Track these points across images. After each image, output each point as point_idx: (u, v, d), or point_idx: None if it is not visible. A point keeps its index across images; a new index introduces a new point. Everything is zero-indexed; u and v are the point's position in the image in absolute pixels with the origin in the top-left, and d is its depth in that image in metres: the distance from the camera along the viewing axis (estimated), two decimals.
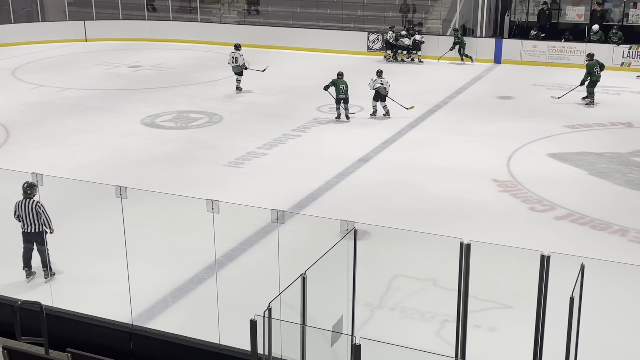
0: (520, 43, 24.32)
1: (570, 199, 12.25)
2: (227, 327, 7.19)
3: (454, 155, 14.60)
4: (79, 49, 27.06)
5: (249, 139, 15.60)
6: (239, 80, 20.21)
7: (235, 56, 19.92)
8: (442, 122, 17.10)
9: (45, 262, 9.22)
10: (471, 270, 6.11)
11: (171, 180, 13.14)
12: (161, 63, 24.50)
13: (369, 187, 12.85)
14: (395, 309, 8.85)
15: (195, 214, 7.31)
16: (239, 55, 19.92)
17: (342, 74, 17.24)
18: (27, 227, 9.07)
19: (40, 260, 9.24)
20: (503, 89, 20.53)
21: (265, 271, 9.01)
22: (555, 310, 5.89)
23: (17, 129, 16.42)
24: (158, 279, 9.41)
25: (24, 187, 9.06)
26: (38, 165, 13.06)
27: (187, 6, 30.74)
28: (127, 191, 7.21)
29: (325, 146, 15.26)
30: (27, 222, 9.05)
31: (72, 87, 20.71)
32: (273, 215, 6.78)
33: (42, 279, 9.22)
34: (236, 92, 20.11)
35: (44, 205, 8.95)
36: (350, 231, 6.36)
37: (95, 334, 7.57)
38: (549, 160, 14.31)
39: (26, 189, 9.04)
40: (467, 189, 12.72)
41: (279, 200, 11.76)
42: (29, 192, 9.04)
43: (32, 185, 9.00)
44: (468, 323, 6.37)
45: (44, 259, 9.22)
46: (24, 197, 9.06)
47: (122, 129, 16.55)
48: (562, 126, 16.67)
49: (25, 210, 9.01)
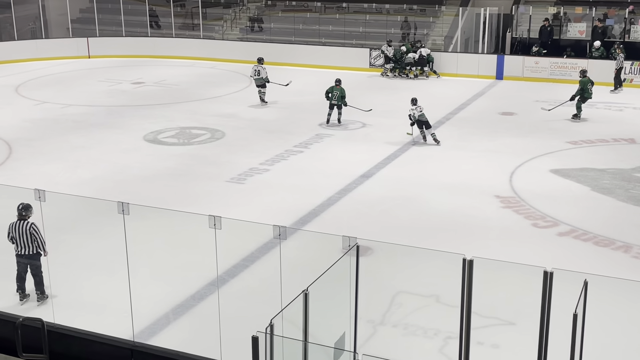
0: (522, 59, 24.38)
1: (573, 215, 12.23)
2: (229, 344, 7.16)
3: (457, 171, 14.60)
4: (82, 66, 27.18)
5: (252, 155, 15.62)
6: (264, 93, 20.62)
7: (258, 69, 20.33)
8: (445, 138, 17.09)
9: (39, 285, 9.06)
10: (474, 287, 6.09)
11: (173, 196, 13.14)
12: (164, 79, 24.59)
13: (372, 203, 12.84)
14: (398, 326, 8.81)
15: (197, 230, 7.31)
16: (262, 68, 20.35)
17: (339, 81, 18.19)
18: (21, 249, 8.91)
19: (34, 282, 9.09)
20: (505, 105, 20.55)
21: (267, 287, 8.99)
22: (559, 326, 5.86)
23: (20, 146, 16.46)
24: (160, 295, 9.38)
25: (18, 208, 8.91)
26: (41, 181, 13.07)
27: (189, 23, 30.91)
28: (129, 207, 7.21)
29: (328, 162, 15.27)
30: (21, 244, 8.88)
31: (75, 103, 20.78)
32: (275, 232, 6.77)
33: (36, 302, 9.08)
34: (261, 104, 20.52)
35: (46, 222, 8.91)
36: (352, 247, 6.35)
37: (96, 350, 7.53)
38: (552, 176, 14.30)
39: (21, 211, 8.89)
40: (469, 205, 12.70)
41: (281, 216, 11.74)
42: (23, 214, 8.88)
43: (27, 206, 8.88)
44: (471, 340, 6.34)
45: (38, 281, 9.05)
46: (18, 218, 8.90)
47: (125, 145, 16.58)
48: (564, 142, 16.67)
49: (19, 232, 8.85)
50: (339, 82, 18.18)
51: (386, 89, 22.09)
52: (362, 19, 28.30)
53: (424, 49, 24.63)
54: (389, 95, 21.76)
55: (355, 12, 28.79)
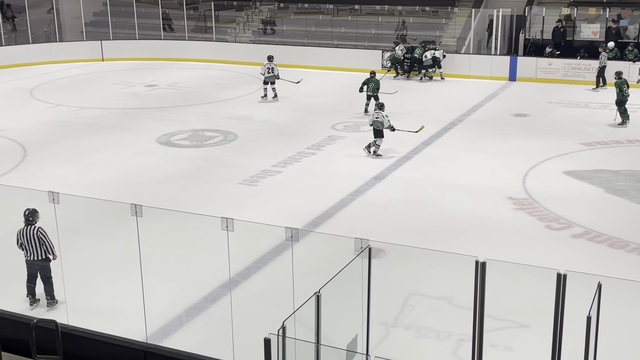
0: (535, 60, 24.28)
1: (587, 217, 12.15)
2: (242, 346, 7.17)
3: (470, 173, 14.55)
4: (95, 69, 27.34)
5: (264, 157, 15.64)
6: (274, 89, 21.18)
7: (272, 67, 20.99)
8: (457, 140, 17.06)
9: (49, 290, 9.08)
10: (487, 289, 6.06)
11: (186, 198, 13.18)
12: (177, 82, 24.68)
13: (384, 205, 12.82)
14: (410, 328, 8.79)
15: (210, 232, 7.32)
16: (274, 65, 21.05)
17: (374, 73, 19.35)
18: (30, 255, 8.91)
19: (43, 288, 9.11)
20: (518, 107, 20.47)
21: (280, 289, 8.98)
22: (572, 329, 5.82)
23: (34, 148, 16.57)
24: (172, 297, 9.41)
25: (25, 214, 8.91)
26: (54, 183, 13.14)
27: (202, 26, 31.01)
28: (142, 209, 7.24)
29: (340, 164, 15.26)
30: (30, 250, 8.89)
31: (88, 106, 20.90)
32: (287, 234, 6.77)
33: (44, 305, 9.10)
34: (274, 99, 21.19)
35: (60, 224, 8.94)
36: (364, 249, 6.34)
37: (110, 352, 7.57)
38: (565, 178, 14.23)
39: (28, 216, 8.89)
40: (482, 206, 12.66)
41: (293, 218, 11.75)
42: (30, 219, 8.89)
43: (34, 211, 8.89)
44: (484, 342, 6.31)
45: (48, 286, 9.07)
46: (25, 224, 8.90)
47: (138, 147, 16.65)
48: (578, 144, 16.58)
49: (27, 237, 8.86)
50: (373, 74, 19.32)
51: (399, 90, 22.06)
52: (375, 20, 28.28)
53: (437, 51, 24.58)
54: (402, 96, 21.72)
55: (367, 14, 28.77)
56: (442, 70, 24.51)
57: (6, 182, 13.73)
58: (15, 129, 18.16)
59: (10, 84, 24.35)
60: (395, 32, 27.64)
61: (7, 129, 18.20)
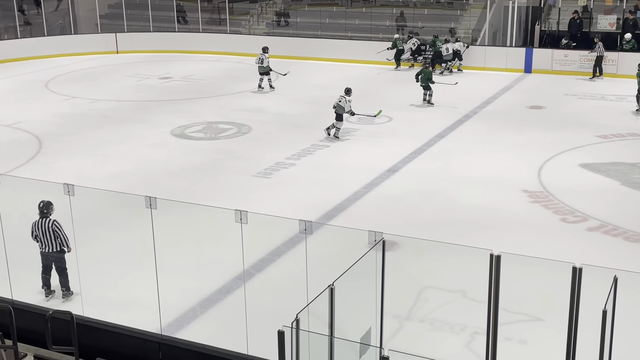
0: (551, 52, 24.10)
1: (603, 210, 12.07)
2: (256, 338, 7.18)
3: (484, 165, 14.48)
4: (110, 61, 27.43)
5: (278, 150, 15.65)
6: (270, 79, 21.51)
7: (262, 58, 21.33)
8: (472, 132, 16.98)
9: (64, 281, 9.15)
10: (502, 282, 6.04)
11: (200, 190, 13.21)
12: (191, 74, 24.72)
13: (398, 198, 12.79)
14: (424, 321, 8.77)
15: (224, 224, 7.33)
16: (265, 57, 21.34)
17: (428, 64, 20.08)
18: (45, 247, 8.97)
19: (58, 279, 9.19)
20: (534, 99, 20.34)
21: (293, 282, 9.00)
22: (588, 323, 5.79)
23: (50, 140, 16.66)
24: (187, 289, 9.44)
25: (39, 206, 8.96)
26: (70, 176, 13.21)
27: (216, 18, 31.02)
28: (156, 201, 7.26)
29: (354, 156, 15.24)
30: (45, 242, 8.95)
31: (103, 98, 20.98)
32: (301, 226, 6.77)
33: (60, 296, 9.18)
34: (271, 90, 21.48)
35: (75, 216, 8.99)
36: (378, 242, 6.33)
37: (124, 343, 7.62)
38: (581, 170, 14.13)
39: (42, 208, 8.94)
40: (497, 199, 12.60)
41: (307, 210, 11.75)
42: (45, 212, 8.94)
43: (48, 204, 8.94)
44: (498, 335, 6.29)
45: (63, 278, 9.14)
46: (40, 216, 8.95)
47: (152, 139, 16.70)
48: (594, 136, 16.45)
49: (42, 229, 8.92)
50: (427, 65, 20.07)
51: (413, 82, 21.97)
52: (389, 12, 28.15)
53: (458, 43, 24.39)
54: (416, 89, 21.66)
55: (382, 5, 28.66)
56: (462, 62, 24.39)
57: (22, 174, 13.83)
58: (31, 122, 18.27)
59: (25, 76, 24.49)
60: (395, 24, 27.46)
61: (23, 121, 18.32)
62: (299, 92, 21.32)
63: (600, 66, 22.57)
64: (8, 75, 24.52)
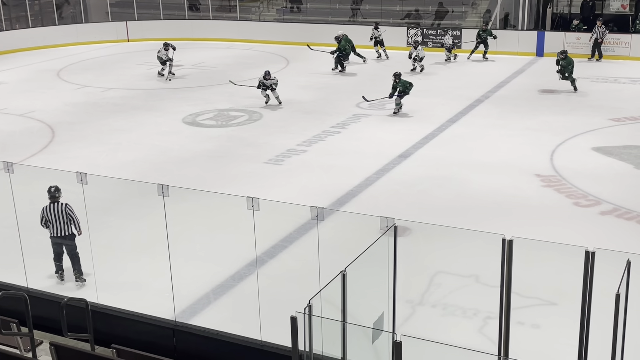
0: (563, 35, 23.89)
1: (615, 193, 12.01)
2: (268, 324, 7.22)
3: (496, 150, 14.43)
4: (121, 50, 27.46)
5: (289, 136, 15.65)
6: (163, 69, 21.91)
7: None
8: (484, 117, 16.90)
9: (76, 265, 9.22)
10: (514, 267, 6.03)
11: (212, 178, 13.25)
12: (202, 62, 24.72)
13: (410, 183, 12.78)
14: (437, 306, 8.79)
15: (236, 211, 7.36)
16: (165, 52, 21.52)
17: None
18: (57, 231, 9.02)
19: (71, 263, 9.26)
20: (545, 83, 20.19)
21: (306, 268, 9.02)
22: (601, 307, 5.78)
23: (62, 129, 16.74)
24: (200, 275, 9.50)
25: (51, 191, 9.02)
26: (82, 164, 13.28)
27: (226, 5, 30.95)
28: (169, 189, 7.29)
29: (365, 142, 15.21)
30: (56, 226, 9.00)
31: (115, 87, 21.03)
32: (313, 212, 6.78)
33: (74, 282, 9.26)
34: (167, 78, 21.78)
35: (88, 204, 9.02)
36: (390, 228, 6.33)
37: (139, 330, 7.68)
38: (594, 154, 14.05)
39: (54, 193, 9.01)
40: (509, 184, 12.56)
41: (318, 197, 11.77)
42: (57, 195, 9.02)
43: (58, 188, 9.04)
44: (511, 320, 6.29)
45: (76, 262, 9.21)
46: (51, 201, 9.01)
47: (164, 127, 16.74)
48: (606, 119, 16.34)
49: (55, 214, 8.97)
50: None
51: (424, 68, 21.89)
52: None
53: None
54: (427, 73, 21.57)
55: None
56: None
57: (35, 162, 13.92)
58: (43, 111, 18.35)
59: (37, 65, 24.57)
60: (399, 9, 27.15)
61: (36, 110, 18.40)
62: (309, 79, 21.27)
63: (599, 49, 22.37)
64: (20, 65, 24.62)
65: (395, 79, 17.34)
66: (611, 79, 20.44)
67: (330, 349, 5.64)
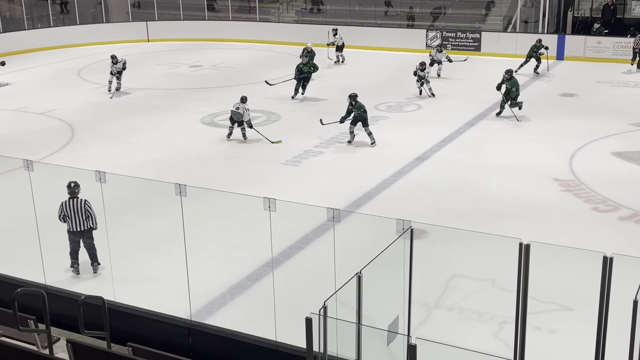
0: (584, 39, 23.72)
1: (635, 198, 11.89)
2: (284, 325, 7.23)
3: (514, 154, 14.35)
4: (141, 50, 27.63)
5: (306, 138, 15.66)
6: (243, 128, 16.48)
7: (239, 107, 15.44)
8: (502, 120, 16.81)
9: (93, 257, 9.48)
10: (531, 271, 5.99)
11: (229, 178, 13.29)
12: (221, 62, 24.81)
13: (427, 186, 12.74)
14: (452, 310, 8.75)
15: (253, 212, 7.38)
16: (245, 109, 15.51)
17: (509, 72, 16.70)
18: (75, 225, 9.24)
19: (89, 256, 9.49)
20: (566, 86, 20.06)
21: (321, 269, 9.02)
22: (618, 313, 5.73)
23: (82, 128, 16.87)
24: (216, 275, 9.53)
25: (70, 186, 9.25)
26: (101, 163, 13.37)
27: (246, 6, 31.05)
28: (186, 189, 7.33)
29: (383, 145, 15.18)
30: (76, 221, 9.22)
31: (134, 86, 21.16)
32: (329, 214, 6.78)
33: (92, 273, 9.49)
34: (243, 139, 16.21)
35: (106, 202, 9.07)
36: (406, 230, 6.31)
37: (155, 329, 7.72)
38: (614, 159, 13.93)
39: (73, 188, 9.25)
40: (527, 188, 12.48)
41: (335, 198, 11.76)
42: (76, 191, 9.26)
43: (78, 184, 9.27)
44: (527, 325, 6.25)
45: (93, 254, 9.46)
46: (70, 196, 9.23)
47: (183, 127, 16.82)
48: (627, 124, 16.20)
49: (74, 209, 9.19)
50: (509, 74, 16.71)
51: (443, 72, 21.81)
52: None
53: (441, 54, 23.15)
54: (447, 77, 21.50)
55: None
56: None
57: (55, 161, 14.04)
58: (64, 109, 18.51)
59: (58, 64, 24.79)
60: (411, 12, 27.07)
61: (56, 109, 18.57)
62: (327, 81, 21.27)
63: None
64: (42, 64, 24.85)
65: (351, 101, 15.02)
66: (632, 83, 20.26)
67: (345, 350, 5.64)
